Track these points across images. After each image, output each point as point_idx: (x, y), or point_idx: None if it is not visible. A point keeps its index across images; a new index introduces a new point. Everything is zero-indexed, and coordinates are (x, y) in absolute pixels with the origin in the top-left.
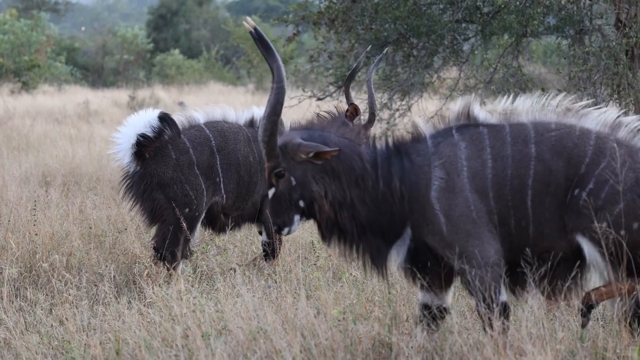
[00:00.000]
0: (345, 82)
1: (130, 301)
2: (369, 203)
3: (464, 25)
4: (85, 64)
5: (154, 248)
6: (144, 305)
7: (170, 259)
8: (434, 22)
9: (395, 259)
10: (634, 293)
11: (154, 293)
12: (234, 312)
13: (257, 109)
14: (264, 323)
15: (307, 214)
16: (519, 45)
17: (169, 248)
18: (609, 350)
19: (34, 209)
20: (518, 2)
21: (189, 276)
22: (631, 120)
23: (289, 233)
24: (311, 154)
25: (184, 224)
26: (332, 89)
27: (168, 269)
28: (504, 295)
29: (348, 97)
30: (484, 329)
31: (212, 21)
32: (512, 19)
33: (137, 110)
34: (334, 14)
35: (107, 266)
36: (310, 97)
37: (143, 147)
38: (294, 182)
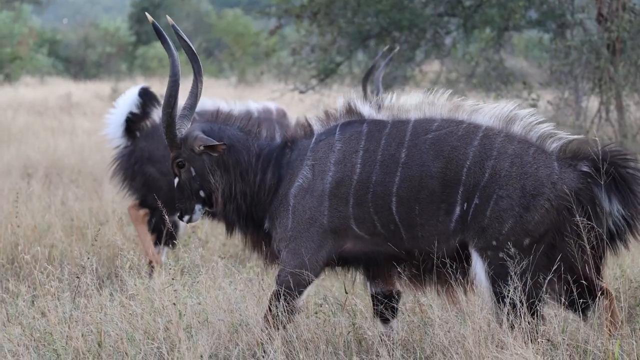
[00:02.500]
0: (362, 80)
1: (112, 293)
2: (249, 196)
3: (446, 18)
4: (67, 56)
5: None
6: (126, 298)
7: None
8: (416, 16)
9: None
10: None
11: (135, 285)
12: (215, 305)
13: (254, 103)
14: (246, 316)
15: (208, 204)
16: (501, 39)
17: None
18: (590, 344)
19: (16, 201)
20: None
21: (171, 268)
22: (527, 113)
23: (190, 221)
24: (202, 147)
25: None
26: (314, 82)
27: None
28: (302, 301)
29: (365, 95)
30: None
31: (195, 14)
32: (494, 12)
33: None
34: (316, 7)
35: (89, 258)
36: (292, 90)
37: (132, 123)
38: (193, 173)
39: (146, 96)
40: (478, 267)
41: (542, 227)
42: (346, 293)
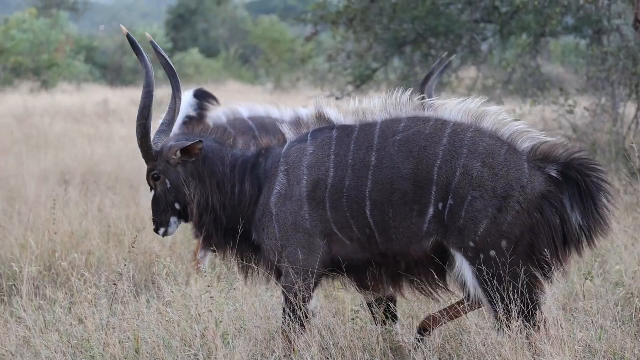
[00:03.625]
0: (421, 86)
1: (149, 300)
2: (228, 207)
3: (482, 25)
4: (104, 63)
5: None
6: (163, 305)
7: None
8: (452, 22)
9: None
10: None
11: (172, 292)
12: (252, 312)
13: (304, 110)
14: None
15: (184, 217)
16: (538, 45)
17: None
18: (628, 351)
19: (53, 208)
20: (537, 2)
21: (207, 275)
22: (497, 110)
23: (165, 234)
24: (179, 152)
25: None
26: (350, 88)
27: None
28: (313, 304)
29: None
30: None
31: (231, 20)
32: (531, 19)
33: (155, 109)
34: (352, 13)
35: (126, 265)
36: (328, 96)
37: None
38: (169, 185)
39: (202, 96)
40: (465, 269)
41: (517, 229)
42: (383, 300)
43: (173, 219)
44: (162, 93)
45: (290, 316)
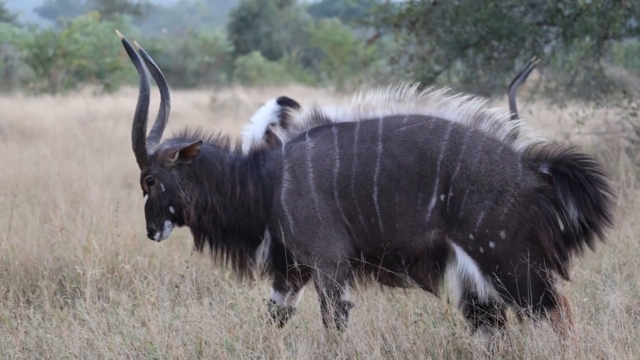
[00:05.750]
0: (508, 89)
1: (211, 303)
2: (229, 207)
3: (545, 27)
4: (166, 66)
5: None
6: (226, 307)
7: None
8: (515, 25)
9: (261, 260)
10: None
11: (234, 295)
12: (314, 315)
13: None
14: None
15: (178, 220)
16: (601, 48)
17: None
18: None
19: (116, 211)
20: (600, 4)
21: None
22: (495, 111)
23: (160, 238)
24: (177, 154)
25: None
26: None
27: None
28: (347, 295)
29: (512, 104)
30: (324, 324)
31: (293, 23)
32: (594, 21)
33: (217, 112)
34: (414, 16)
35: (188, 267)
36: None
37: None
38: (163, 189)
39: (286, 103)
40: (467, 264)
41: (514, 219)
42: (447, 302)
43: (167, 223)
44: (224, 96)
45: (326, 310)
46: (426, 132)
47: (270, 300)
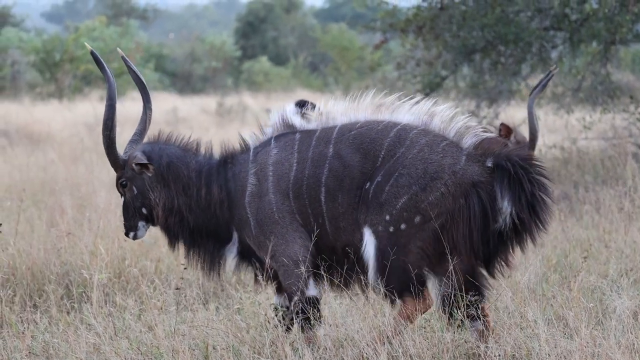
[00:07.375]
0: (530, 96)
1: (218, 307)
2: (195, 209)
3: (552, 32)
4: (173, 71)
5: None
6: (232, 312)
7: None
8: (521, 30)
9: (230, 260)
10: None
11: (241, 300)
12: (321, 320)
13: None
14: (351, 330)
15: (150, 220)
16: (608, 53)
17: None
18: None
19: None
20: (607, 10)
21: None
22: (443, 109)
23: (135, 238)
24: (135, 164)
25: None
26: (419, 96)
27: None
28: (313, 290)
29: (530, 115)
30: (287, 325)
31: (300, 28)
32: (601, 26)
33: (224, 117)
34: (421, 21)
35: (195, 272)
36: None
37: None
38: (135, 191)
39: (304, 106)
40: (369, 243)
41: (436, 209)
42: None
43: (141, 223)
44: (231, 101)
45: (293, 307)
46: (373, 133)
47: (273, 304)
